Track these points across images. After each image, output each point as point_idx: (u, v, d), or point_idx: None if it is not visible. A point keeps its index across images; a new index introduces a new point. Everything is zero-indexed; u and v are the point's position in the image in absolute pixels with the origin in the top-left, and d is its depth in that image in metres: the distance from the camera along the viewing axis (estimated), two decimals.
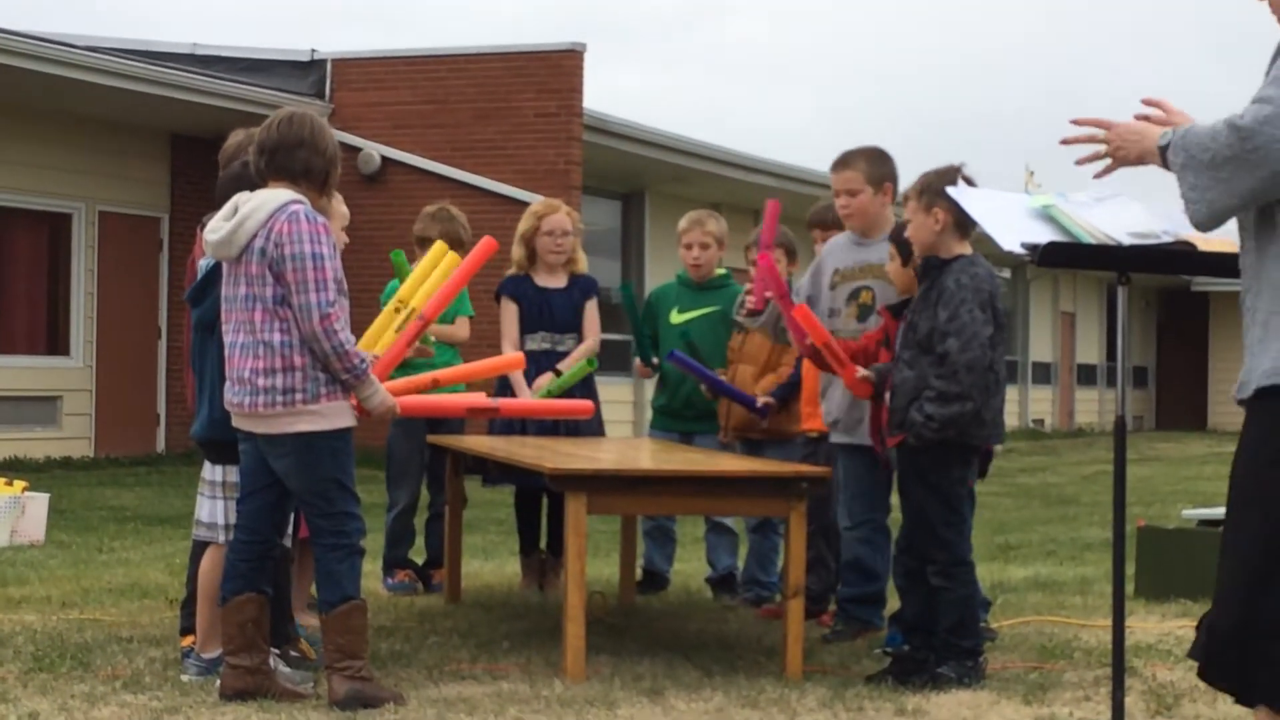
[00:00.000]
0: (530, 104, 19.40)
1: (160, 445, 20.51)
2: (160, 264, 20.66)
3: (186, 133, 20.50)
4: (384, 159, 19.49)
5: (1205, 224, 4.36)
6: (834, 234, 8.03)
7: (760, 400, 8.30)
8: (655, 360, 8.98)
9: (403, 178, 19.18)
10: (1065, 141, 4.73)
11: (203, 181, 20.62)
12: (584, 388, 9.06)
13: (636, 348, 9.04)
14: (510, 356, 7.65)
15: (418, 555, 9.26)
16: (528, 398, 8.69)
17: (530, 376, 8.85)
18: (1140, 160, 4.56)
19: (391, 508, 9.09)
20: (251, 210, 5.98)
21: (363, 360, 6.01)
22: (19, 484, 11.36)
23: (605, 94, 37.86)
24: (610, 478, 6.70)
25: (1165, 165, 4.41)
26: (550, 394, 8.69)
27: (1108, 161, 4.62)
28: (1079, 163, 4.67)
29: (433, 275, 7.52)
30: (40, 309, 19.59)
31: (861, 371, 6.96)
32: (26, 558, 10.19)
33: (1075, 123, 4.69)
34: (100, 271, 19.84)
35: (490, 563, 10.20)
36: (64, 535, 11.55)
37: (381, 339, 6.79)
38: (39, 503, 11.31)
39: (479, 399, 7.34)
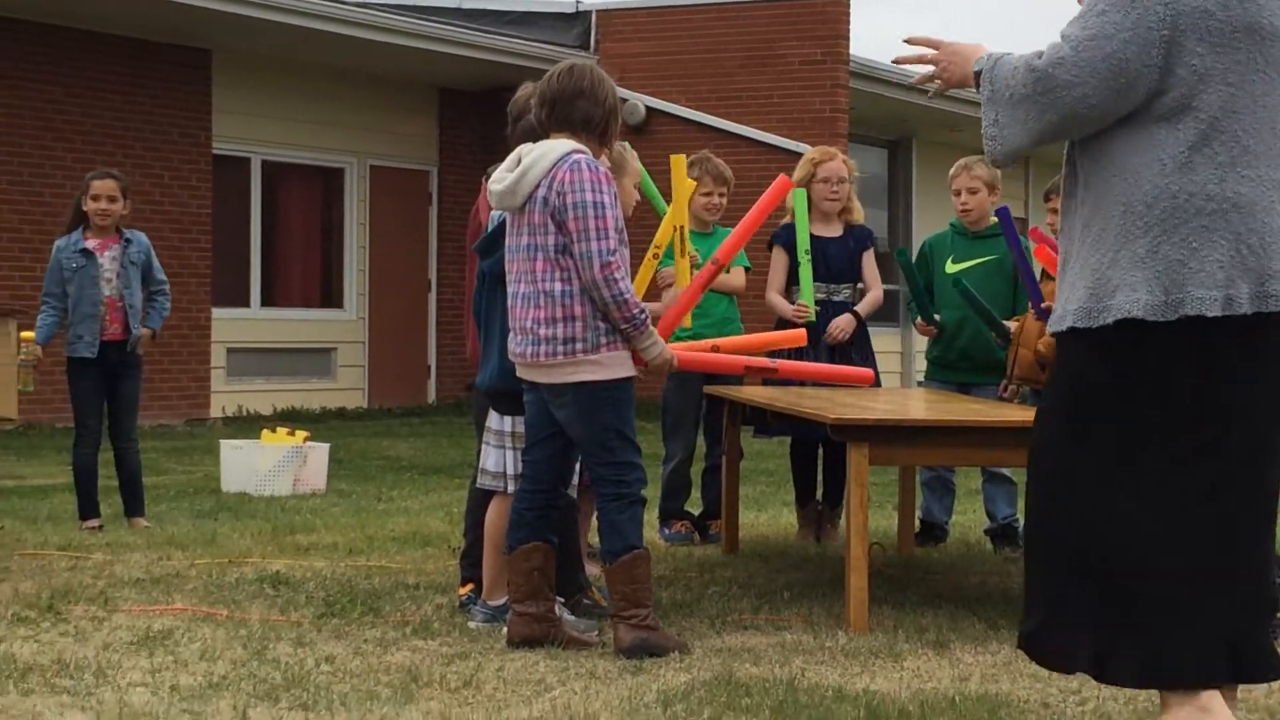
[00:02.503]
0: (796, 51, 19.26)
1: (431, 396, 20.85)
2: (429, 217, 20.97)
3: (454, 86, 20.76)
4: (649, 109, 19.51)
5: (1001, 161, 4.42)
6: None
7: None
8: (937, 317, 8.83)
9: (668, 128, 19.18)
10: (898, 60, 4.74)
11: (470, 135, 20.93)
12: (861, 341, 9.04)
13: (917, 308, 8.91)
14: (794, 332, 7.61)
15: (693, 506, 9.27)
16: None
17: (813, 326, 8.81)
18: (963, 83, 4.56)
19: (668, 460, 9.11)
20: (534, 160, 6.01)
21: (642, 311, 6.00)
22: (300, 434, 11.61)
23: (871, 39, 37.46)
24: (892, 428, 6.62)
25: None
26: None
27: (939, 83, 4.61)
28: (915, 83, 4.70)
29: (674, 206, 7.48)
30: (314, 263, 20.02)
31: None
32: (310, 506, 10.42)
33: (908, 41, 4.69)
34: (372, 225, 20.20)
35: (764, 514, 10.17)
36: (343, 484, 11.79)
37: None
38: (320, 453, 11.56)
39: (758, 358, 7.32)
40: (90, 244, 9.18)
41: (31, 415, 15.28)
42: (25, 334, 9.04)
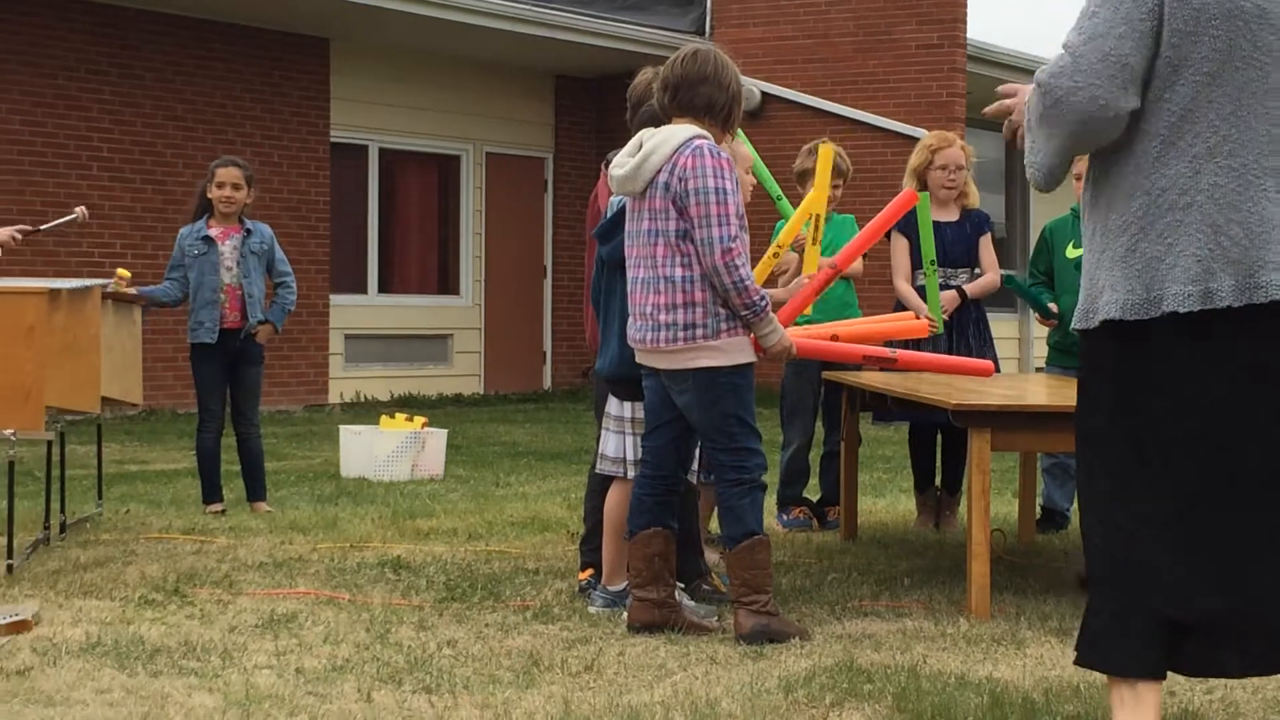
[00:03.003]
0: (912, 35, 19.12)
1: (546, 382, 20.91)
2: (545, 204, 21.03)
3: (570, 73, 20.80)
4: (764, 95, 19.46)
5: (1042, 186, 4.31)
6: None
7: None
8: (1052, 306, 8.74)
9: (783, 113, 19.12)
10: (986, 113, 4.69)
11: (586, 122, 20.96)
12: (978, 328, 8.98)
13: (1035, 307, 8.83)
14: (916, 322, 7.56)
15: (811, 493, 9.25)
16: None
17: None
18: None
19: (786, 446, 9.09)
20: (656, 145, 6.00)
21: (762, 297, 5.99)
22: (419, 419, 11.68)
23: (989, 22, 37.00)
24: (1014, 414, 6.57)
25: None
26: None
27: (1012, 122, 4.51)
28: (1006, 139, 4.55)
29: (813, 195, 7.46)
30: (431, 250, 20.13)
31: None
32: (429, 491, 10.48)
33: (1000, 91, 4.56)
34: (488, 212, 20.29)
35: (882, 500, 10.13)
36: (461, 470, 11.85)
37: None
38: (438, 438, 11.62)
39: (876, 348, 7.28)
40: (212, 231, 9.27)
41: (154, 400, 15.49)
42: (123, 272, 9.05)
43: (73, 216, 9.12)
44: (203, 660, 5.58)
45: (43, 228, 9.64)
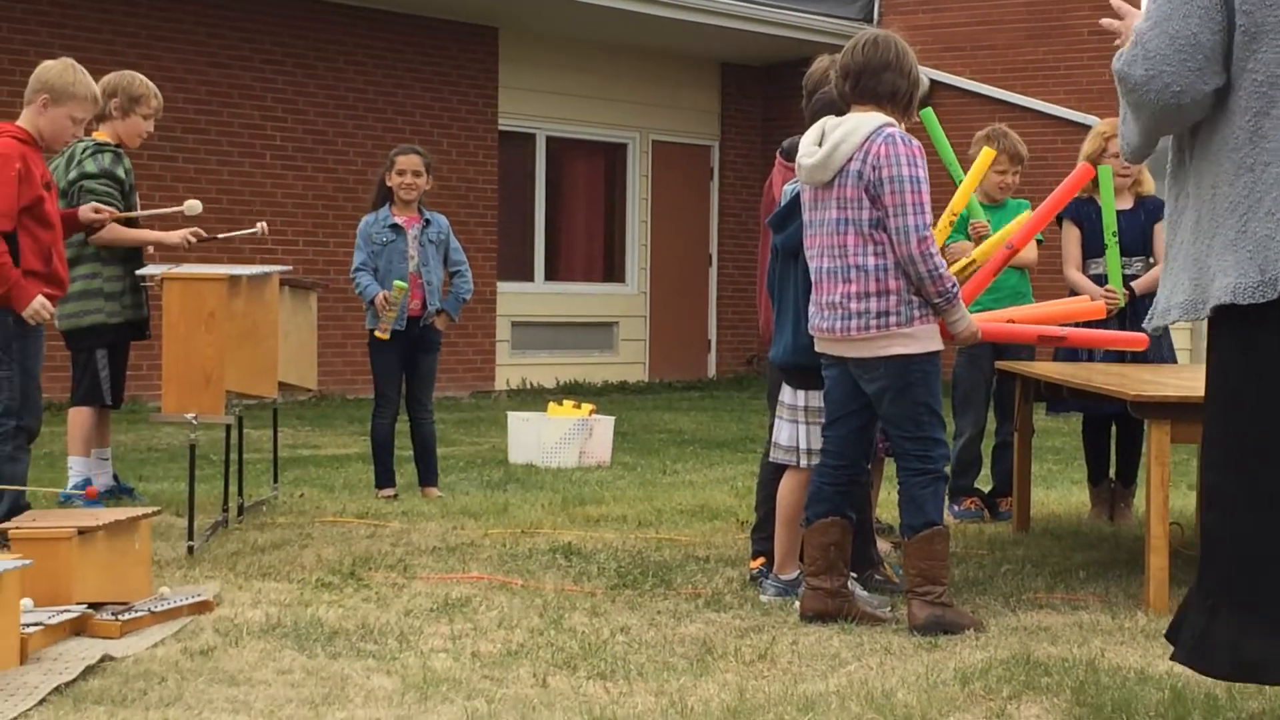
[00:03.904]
0: (1084, 21, 18.85)
1: (711, 370, 20.92)
2: (711, 192, 21.02)
3: (737, 61, 20.77)
4: (933, 82, 19.29)
5: (1130, 159, 4.34)
6: None
7: None
8: None
9: (952, 101, 18.94)
10: (1101, 24, 4.57)
11: (753, 110, 20.93)
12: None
13: None
14: (1092, 305, 7.47)
15: (983, 483, 9.16)
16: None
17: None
18: None
19: (958, 436, 9.00)
20: (846, 133, 5.96)
21: (954, 284, 5.96)
22: (586, 407, 11.72)
23: None
24: (1194, 405, 6.44)
25: None
26: None
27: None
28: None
29: (968, 177, 7.40)
30: (597, 237, 20.20)
31: None
32: (597, 478, 10.51)
33: (1114, 7, 4.45)
34: (654, 200, 20.32)
35: (1053, 491, 10.00)
36: (628, 457, 11.87)
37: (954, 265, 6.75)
38: (605, 425, 11.65)
39: (1048, 327, 7.20)
40: (398, 219, 9.35)
41: (323, 386, 15.69)
42: (399, 285, 9.14)
43: (252, 231, 9.23)
44: (380, 643, 5.64)
45: (220, 237, 9.78)
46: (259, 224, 9.28)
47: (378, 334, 9.19)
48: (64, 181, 8.56)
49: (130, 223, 8.75)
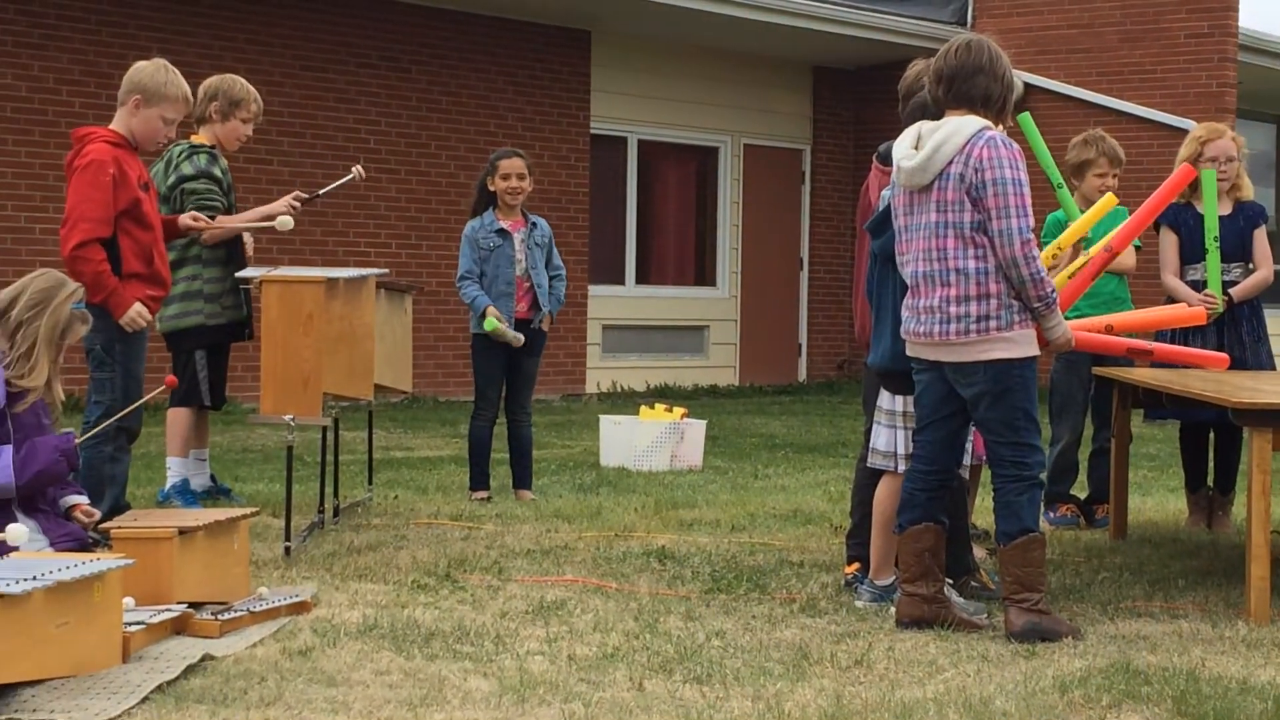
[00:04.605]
0: (1180, 24, 18.70)
1: (802, 375, 20.87)
2: (802, 195, 20.97)
3: (828, 64, 20.72)
4: (1027, 86, 19.18)
5: None
6: None
7: None
8: None
9: (1047, 105, 18.80)
10: None
11: (844, 114, 20.87)
12: (1252, 325, 8.75)
13: None
14: (1191, 311, 7.40)
15: (1078, 490, 9.10)
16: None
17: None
18: None
19: (1055, 442, 8.94)
20: (946, 136, 5.94)
21: (1054, 289, 5.93)
22: (678, 410, 11.72)
23: (1260, 10, 35.73)
24: None
25: None
26: None
27: None
28: None
29: (1086, 216, 7.35)
30: (688, 241, 20.20)
31: None
32: (688, 481, 10.51)
33: None
34: (745, 204, 20.30)
35: (1149, 499, 9.92)
36: (719, 461, 11.86)
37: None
38: (696, 429, 11.64)
39: (1139, 341, 7.16)
40: (504, 224, 9.36)
41: (416, 389, 15.75)
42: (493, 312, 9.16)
43: (349, 177, 9.25)
44: (476, 645, 5.67)
45: (320, 192, 9.81)
46: (354, 168, 9.28)
47: (486, 325, 9.11)
48: (164, 187, 8.64)
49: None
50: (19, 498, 5.93)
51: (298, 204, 8.92)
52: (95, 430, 7.07)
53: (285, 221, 8.53)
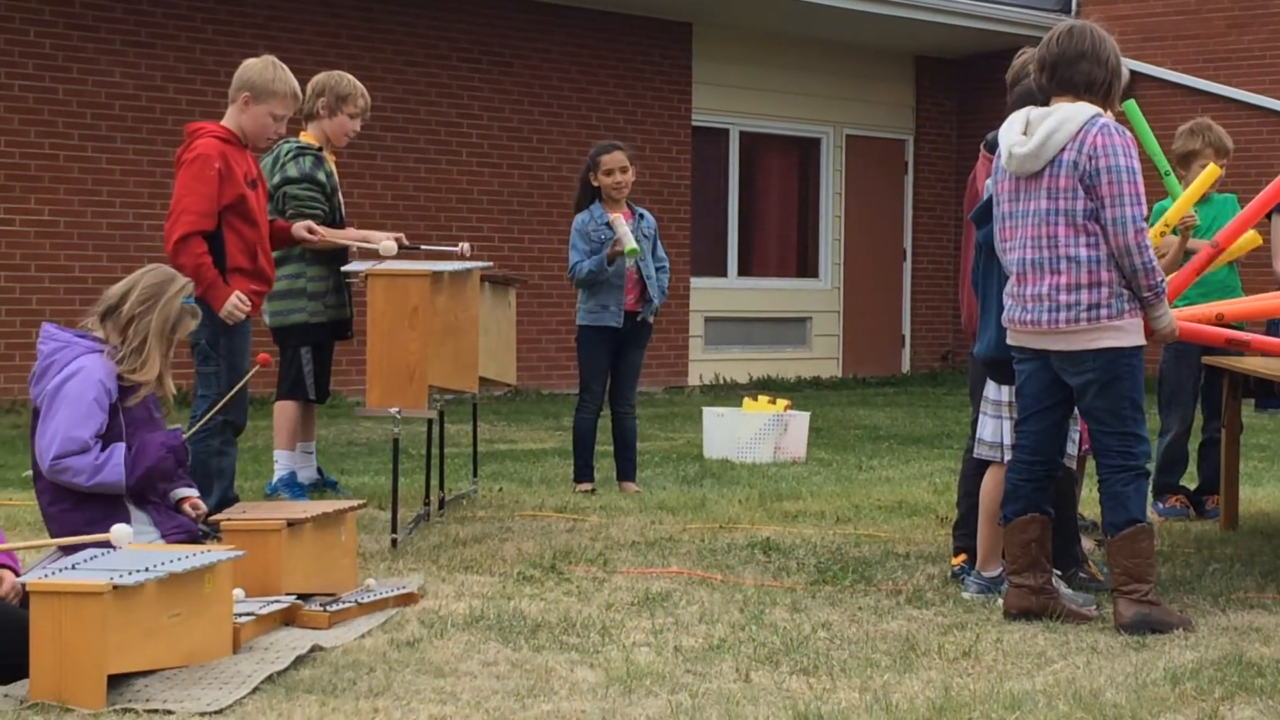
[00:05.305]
0: None
1: (905, 366, 20.77)
2: (905, 186, 20.86)
3: (931, 54, 20.60)
4: (1133, 73, 18.94)
5: None
6: None
7: None
8: None
9: (1153, 93, 18.60)
10: None
11: (947, 103, 20.75)
12: None
13: None
14: None
15: (1188, 481, 9.00)
16: None
17: None
18: None
19: (1164, 432, 8.85)
20: (1059, 123, 5.89)
21: (1163, 279, 5.87)
22: (781, 402, 11.69)
23: None
24: None
25: None
26: None
27: None
28: None
29: (1189, 190, 7.28)
30: (791, 233, 20.14)
31: None
32: (792, 473, 10.48)
33: None
34: (847, 195, 20.22)
35: (1260, 489, 9.79)
36: (822, 453, 11.83)
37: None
38: (800, 421, 11.61)
39: (1237, 331, 7.07)
40: (612, 217, 9.35)
41: (519, 381, 15.80)
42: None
43: (454, 250, 9.16)
44: (582, 636, 5.68)
45: (423, 248, 9.84)
46: (461, 245, 9.26)
47: (628, 250, 9.05)
48: (269, 185, 8.70)
49: (336, 227, 8.83)
50: (129, 492, 6.00)
51: (403, 242, 8.89)
52: (201, 423, 7.13)
53: (389, 247, 8.50)
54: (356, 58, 15.60)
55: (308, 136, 8.98)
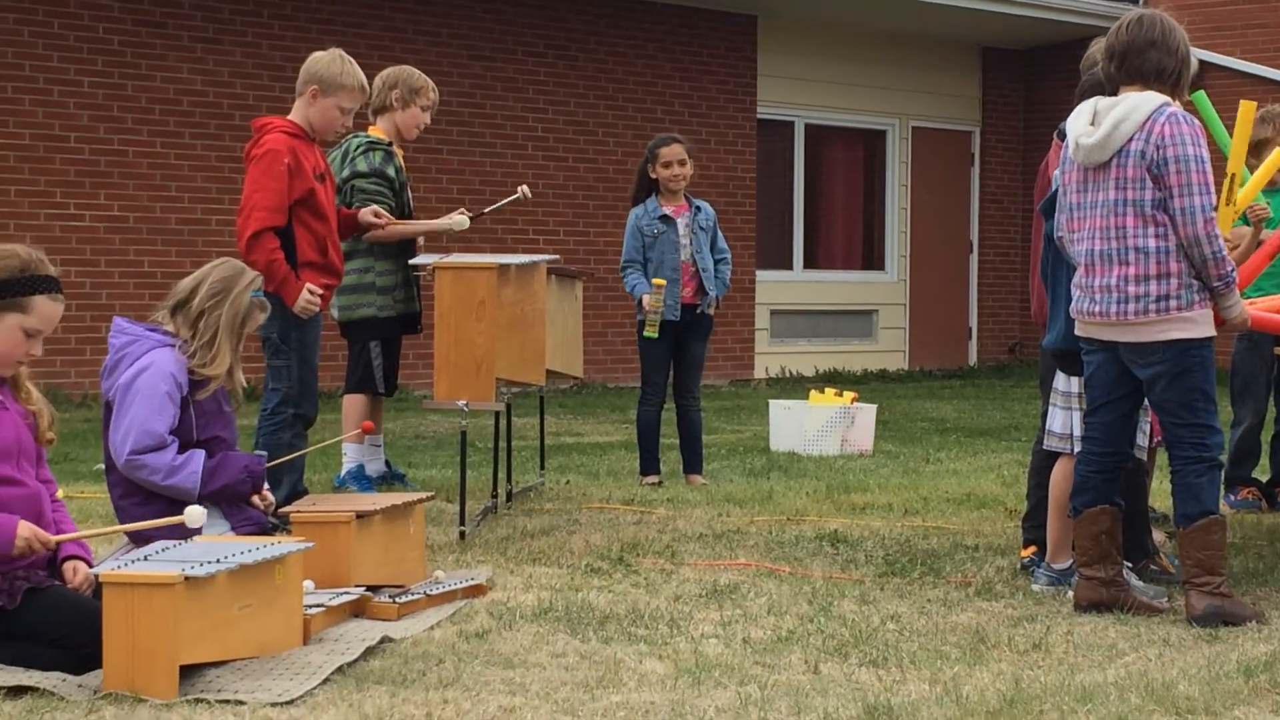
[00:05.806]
0: None
1: (972, 359, 20.69)
2: (971, 178, 20.78)
3: (996, 45, 20.50)
4: (1202, 63, 18.81)
5: None
6: None
7: None
8: None
9: (1223, 83, 18.42)
10: None
11: (1014, 94, 20.65)
12: None
13: None
14: None
15: (1261, 473, 8.93)
16: None
17: None
18: None
19: (1237, 424, 8.78)
20: (1127, 112, 5.84)
21: (1233, 268, 5.82)
22: (848, 395, 11.67)
23: None
24: None
25: None
26: None
27: None
28: None
29: (1258, 174, 7.22)
30: (856, 225, 20.09)
31: None
32: (859, 466, 10.46)
33: None
34: (913, 187, 20.15)
35: None
36: (890, 445, 11.79)
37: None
38: (867, 413, 11.58)
39: None
40: (667, 210, 9.35)
41: (585, 374, 15.81)
42: (659, 283, 9.14)
43: (515, 196, 9.31)
44: (650, 628, 5.68)
45: (486, 210, 9.89)
46: (521, 187, 9.31)
47: (646, 333, 9.18)
48: (338, 178, 8.72)
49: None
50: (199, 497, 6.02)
51: (468, 213, 8.96)
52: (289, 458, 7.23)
53: (461, 221, 8.57)
54: (422, 52, 15.65)
55: (376, 130, 9.01)
